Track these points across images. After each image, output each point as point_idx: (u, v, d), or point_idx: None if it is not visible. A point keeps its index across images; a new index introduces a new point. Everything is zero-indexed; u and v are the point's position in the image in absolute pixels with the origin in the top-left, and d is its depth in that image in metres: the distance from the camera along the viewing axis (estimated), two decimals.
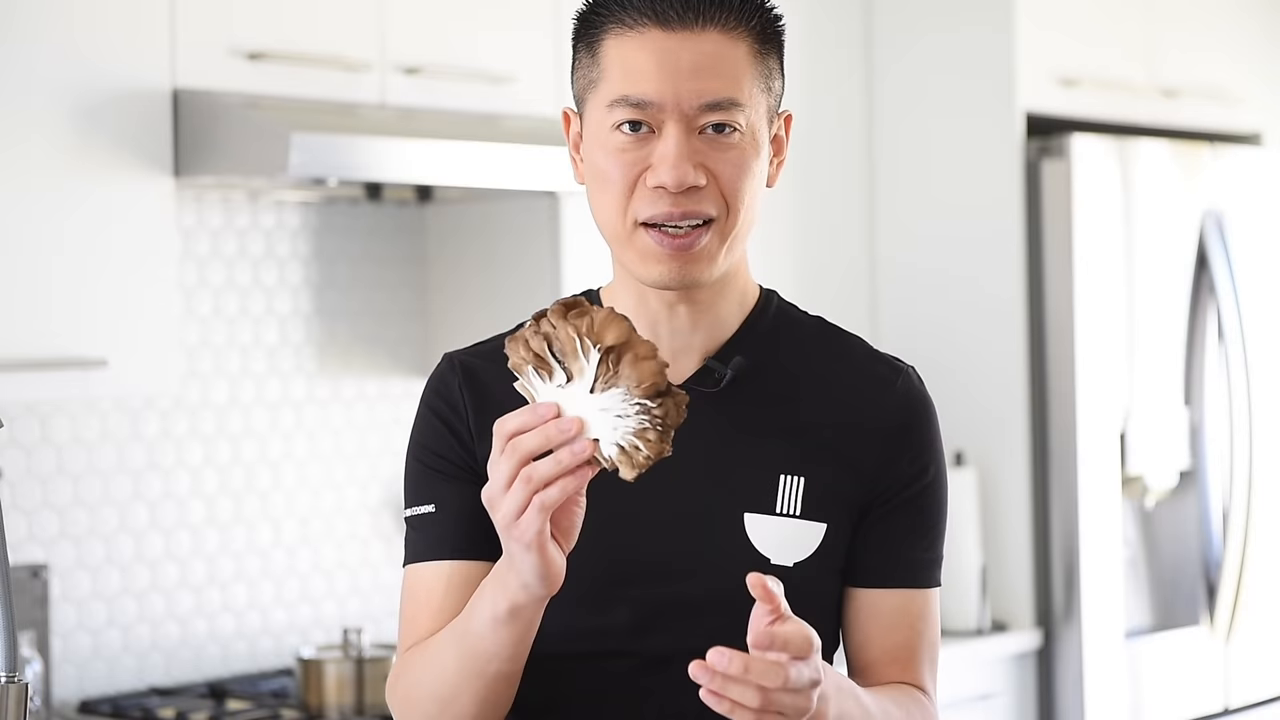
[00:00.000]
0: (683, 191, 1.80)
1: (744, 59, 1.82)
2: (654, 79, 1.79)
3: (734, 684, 1.58)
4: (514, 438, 1.63)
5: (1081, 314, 4.36)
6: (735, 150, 1.82)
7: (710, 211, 1.81)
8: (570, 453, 1.62)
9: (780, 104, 1.90)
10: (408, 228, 4.12)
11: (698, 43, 1.80)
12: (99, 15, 3.26)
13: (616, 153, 1.82)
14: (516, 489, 1.63)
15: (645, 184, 1.81)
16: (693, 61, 1.80)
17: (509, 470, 1.63)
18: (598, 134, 1.83)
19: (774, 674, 1.58)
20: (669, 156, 1.79)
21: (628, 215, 1.82)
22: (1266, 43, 5.09)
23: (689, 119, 1.80)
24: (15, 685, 1.71)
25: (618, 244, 1.85)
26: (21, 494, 3.55)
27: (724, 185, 1.82)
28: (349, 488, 4.03)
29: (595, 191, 1.85)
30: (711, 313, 1.90)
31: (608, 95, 1.82)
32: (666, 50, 1.80)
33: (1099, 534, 4.39)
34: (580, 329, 1.62)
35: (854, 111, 4.55)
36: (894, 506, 1.90)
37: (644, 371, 1.60)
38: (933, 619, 1.92)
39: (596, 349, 1.61)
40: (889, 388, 1.92)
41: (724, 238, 1.83)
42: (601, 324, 1.61)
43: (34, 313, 3.20)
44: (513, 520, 1.64)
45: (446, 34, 3.69)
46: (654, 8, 1.80)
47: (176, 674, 3.77)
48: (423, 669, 1.84)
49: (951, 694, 4.16)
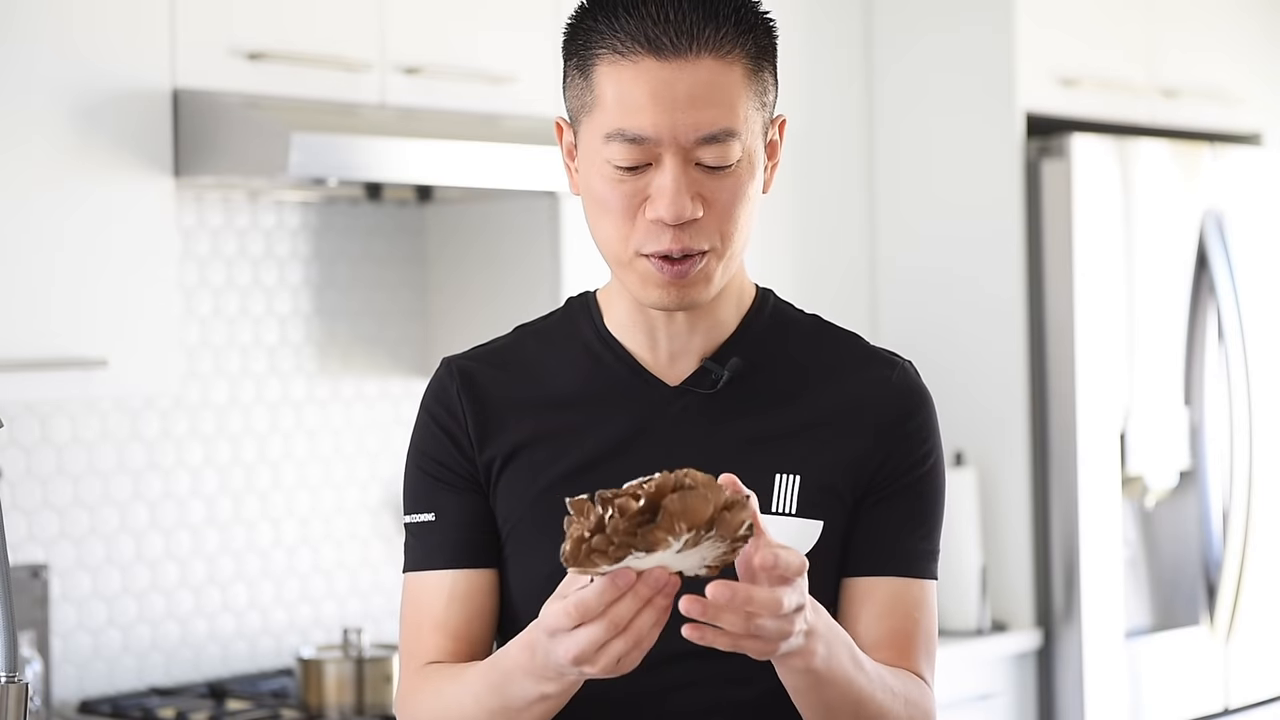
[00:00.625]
0: (680, 225, 1.80)
1: (739, 82, 1.81)
2: (649, 113, 1.78)
3: (726, 612, 1.58)
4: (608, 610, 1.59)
5: (1081, 314, 4.36)
6: (732, 178, 1.82)
7: (705, 246, 1.81)
8: (665, 598, 1.59)
9: (774, 110, 1.89)
10: (408, 228, 4.12)
11: (693, 71, 1.78)
12: (99, 15, 3.26)
13: (614, 183, 1.81)
14: (617, 645, 1.60)
15: (644, 215, 1.80)
16: (688, 92, 1.78)
17: (604, 637, 1.60)
18: (594, 161, 1.83)
19: (771, 604, 1.58)
20: (667, 191, 1.78)
21: (629, 245, 1.82)
22: (1266, 43, 5.09)
23: (686, 151, 1.79)
24: (15, 685, 1.71)
25: (618, 267, 1.85)
26: (21, 494, 3.55)
27: (720, 213, 1.81)
28: (349, 488, 4.03)
29: (593, 214, 1.85)
30: (709, 317, 1.90)
31: (603, 126, 1.81)
32: (661, 81, 1.78)
33: (1099, 534, 4.39)
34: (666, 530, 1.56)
35: (854, 111, 4.55)
36: (890, 494, 1.90)
37: (730, 525, 1.57)
38: (929, 611, 1.92)
39: (688, 532, 1.56)
40: (885, 383, 1.92)
41: (720, 260, 1.84)
42: (682, 513, 1.56)
43: (34, 313, 3.20)
44: (613, 667, 1.62)
45: (446, 34, 3.69)
46: (647, 35, 1.78)
47: (176, 674, 3.77)
48: (445, 703, 1.83)
49: (951, 694, 4.16)
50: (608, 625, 1.58)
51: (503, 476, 1.89)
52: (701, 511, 1.55)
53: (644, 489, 1.56)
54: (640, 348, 1.91)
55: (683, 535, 1.55)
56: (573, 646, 1.60)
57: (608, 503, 1.56)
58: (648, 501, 1.55)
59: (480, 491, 1.90)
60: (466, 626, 1.87)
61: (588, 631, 1.59)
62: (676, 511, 1.55)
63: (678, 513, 1.55)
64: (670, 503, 1.55)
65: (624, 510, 1.55)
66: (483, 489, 1.90)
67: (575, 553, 1.56)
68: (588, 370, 1.92)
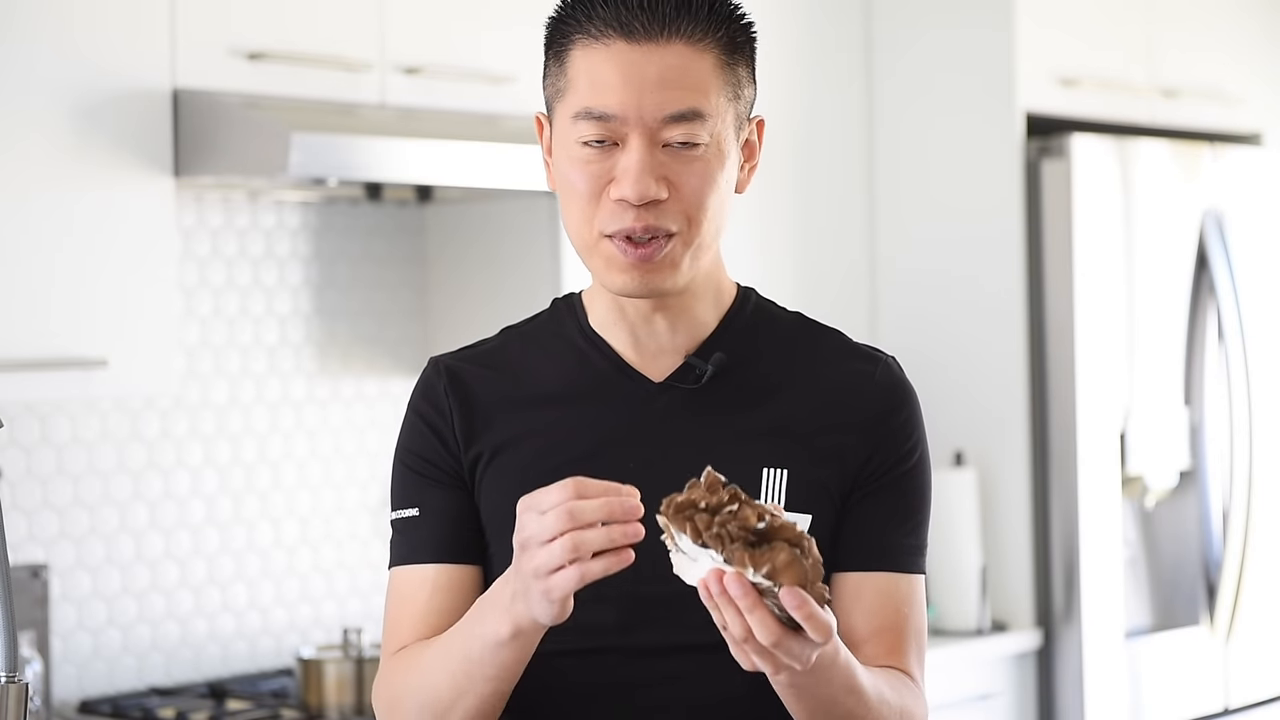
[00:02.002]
0: (644, 205, 1.81)
1: (710, 70, 1.83)
2: (618, 91, 1.80)
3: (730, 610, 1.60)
4: (577, 499, 1.63)
5: (1081, 314, 4.36)
6: (699, 162, 1.83)
7: (671, 227, 1.83)
8: (624, 533, 1.62)
9: (752, 109, 1.91)
10: (408, 228, 4.12)
11: (663, 55, 1.81)
12: (99, 15, 3.26)
13: (581, 164, 1.83)
14: (559, 548, 1.63)
15: (609, 196, 1.82)
16: (658, 74, 1.81)
17: (557, 528, 1.63)
18: (564, 144, 1.85)
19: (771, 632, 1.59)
20: (631, 170, 1.80)
21: (594, 226, 1.84)
22: (1266, 43, 5.09)
23: (652, 131, 1.81)
24: (15, 685, 1.71)
25: (585, 252, 1.87)
26: (21, 494, 3.55)
27: (687, 197, 1.83)
28: (349, 488, 4.03)
29: (564, 201, 1.87)
30: (688, 315, 1.91)
31: (573, 106, 1.83)
32: (631, 63, 1.81)
33: (1099, 534, 4.39)
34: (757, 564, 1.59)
35: (854, 111, 4.55)
36: (875, 489, 1.91)
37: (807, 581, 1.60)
38: (918, 606, 1.92)
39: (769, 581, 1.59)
40: (868, 378, 1.93)
41: (687, 247, 1.85)
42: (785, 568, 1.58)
43: (34, 313, 3.20)
44: (544, 575, 1.65)
45: (446, 34, 3.69)
46: (619, 19, 1.81)
47: (176, 674, 3.77)
48: (413, 679, 1.85)
49: (951, 694, 4.16)
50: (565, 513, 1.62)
51: (488, 473, 1.91)
52: (797, 576, 1.58)
53: (773, 520, 1.60)
54: (624, 345, 1.92)
55: (764, 580, 1.58)
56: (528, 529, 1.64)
57: (737, 499, 1.60)
58: (768, 532, 1.59)
59: (465, 488, 1.92)
60: (446, 620, 1.88)
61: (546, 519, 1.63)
62: (778, 563, 1.58)
63: (779, 565, 1.58)
64: (778, 553, 1.58)
65: (744, 522, 1.59)
66: (467, 486, 1.92)
67: (681, 507, 1.60)
68: (573, 368, 1.93)
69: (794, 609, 1.58)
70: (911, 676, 1.91)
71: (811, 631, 1.59)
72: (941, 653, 4.14)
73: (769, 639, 1.59)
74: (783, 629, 1.59)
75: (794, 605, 1.58)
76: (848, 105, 4.54)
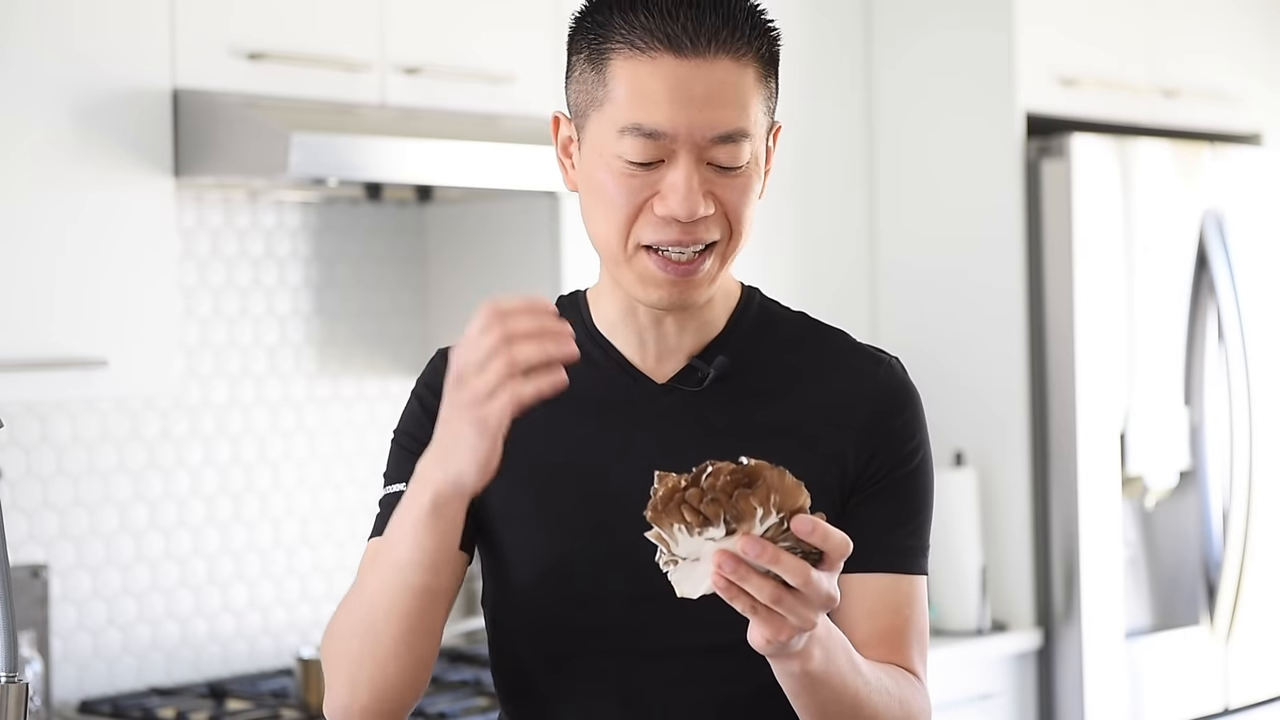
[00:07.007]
0: (691, 222, 1.81)
1: (752, 85, 1.82)
2: (667, 109, 1.79)
3: (753, 577, 1.58)
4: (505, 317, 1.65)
5: (1081, 314, 4.36)
6: (741, 178, 1.83)
7: (714, 236, 1.83)
8: (559, 347, 1.64)
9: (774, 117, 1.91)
10: (408, 228, 4.12)
11: (710, 70, 1.79)
12: (99, 15, 3.26)
13: (623, 177, 1.81)
14: (494, 368, 1.65)
15: (652, 210, 1.81)
16: (705, 91, 1.79)
17: (491, 345, 1.65)
18: (602, 154, 1.83)
19: (799, 571, 1.58)
20: (680, 188, 1.79)
21: (630, 238, 1.83)
22: (1266, 43, 5.10)
23: (700, 149, 1.80)
24: (15, 685, 1.71)
25: (614, 264, 1.86)
26: (21, 494, 3.55)
27: (729, 211, 1.83)
28: (349, 488, 4.03)
29: (592, 207, 1.85)
30: (698, 317, 1.91)
31: (618, 120, 1.81)
32: (679, 79, 1.79)
33: (1099, 534, 4.39)
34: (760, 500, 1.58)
35: (854, 112, 4.55)
36: (878, 490, 1.91)
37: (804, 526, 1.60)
38: (920, 606, 1.92)
39: (777, 513, 1.58)
40: (871, 379, 1.93)
41: (724, 260, 1.85)
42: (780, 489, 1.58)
43: (34, 313, 3.20)
44: (482, 400, 1.66)
45: (446, 34, 3.69)
46: (667, 32, 1.79)
47: (176, 674, 3.77)
48: (347, 607, 1.85)
49: (951, 694, 4.16)
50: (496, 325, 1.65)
51: None
52: (796, 497, 1.58)
53: (742, 462, 1.59)
54: (630, 346, 1.92)
55: (772, 515, 1.57)
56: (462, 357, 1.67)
57: (703, 468, 1.59)
58: (751, 470, 1.58)
59: None
60: None
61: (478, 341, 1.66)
62: (775, 485, 1.58)
63: (775, 486, 1.58)
64: (770, 476, 1.58)
65: (721, 471, 1.58)
66: None
67: (667, 499, 1.59)
68: (576, 367, 1.92)
69: (807, 535, 1.57)
70: (915, 675, 1.90)
71: (830, 549, 1.59)
72: (941, 653, 4.14)
73: (799, 578, 1.57)
74: (807, 565, 1.58)
75: (806, 531, 1.57)
76: (848, 105, 4.54)
